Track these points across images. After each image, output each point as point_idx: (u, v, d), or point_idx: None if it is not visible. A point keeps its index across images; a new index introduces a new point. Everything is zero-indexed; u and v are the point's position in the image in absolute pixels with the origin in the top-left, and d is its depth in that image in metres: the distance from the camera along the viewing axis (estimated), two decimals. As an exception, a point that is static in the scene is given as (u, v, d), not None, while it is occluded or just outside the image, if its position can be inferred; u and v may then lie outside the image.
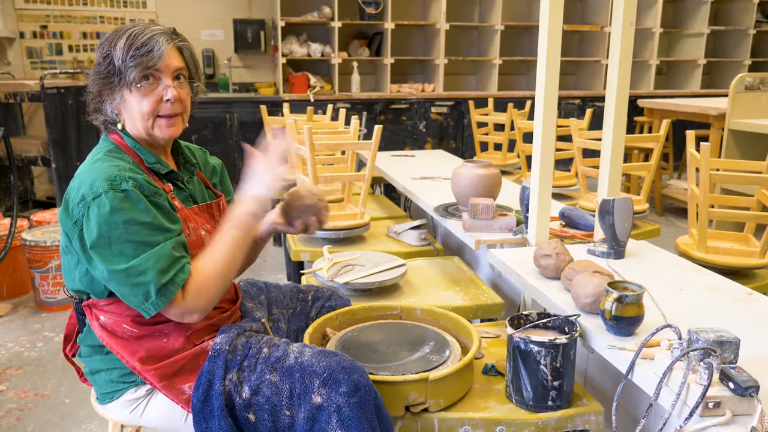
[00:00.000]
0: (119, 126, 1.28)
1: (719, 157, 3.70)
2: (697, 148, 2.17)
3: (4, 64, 5.41)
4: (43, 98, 3.91)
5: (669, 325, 1.17)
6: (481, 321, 1.94)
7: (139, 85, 1.24)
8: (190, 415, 1.25)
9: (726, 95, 3.84)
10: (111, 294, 1.23)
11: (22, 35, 5.44)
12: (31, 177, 5.07)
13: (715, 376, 1.02)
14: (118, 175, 1.16)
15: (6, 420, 2.18)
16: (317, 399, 1.16)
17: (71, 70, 5.03)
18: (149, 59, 1.22)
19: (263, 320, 1.42)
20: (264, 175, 1.29)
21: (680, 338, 1.13)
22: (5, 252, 3.01)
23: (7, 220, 3.29)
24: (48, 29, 5.50)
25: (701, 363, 1.02)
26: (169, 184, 1.30)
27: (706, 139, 4.64)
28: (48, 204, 4.96)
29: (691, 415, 0.99)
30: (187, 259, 1.20)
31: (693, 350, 1.05)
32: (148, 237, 1.15)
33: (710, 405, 0.99)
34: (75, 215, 1.16)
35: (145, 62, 1.22)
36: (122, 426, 1.38)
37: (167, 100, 1.25)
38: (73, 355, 1.41)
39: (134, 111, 1.25)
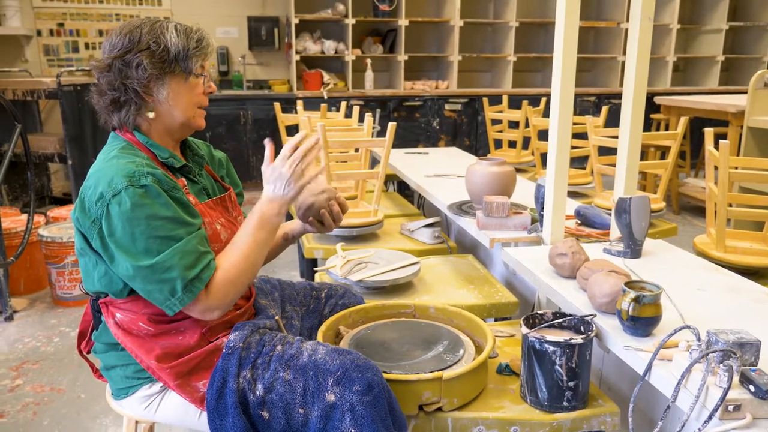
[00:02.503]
0: (152, 114, 1.26)
1: (738, 155, 3.65)
2: (716, 146, 2.14)
3: (21, 61, 5.47)
4: (59, 95, 3.95)
5: (687, 326, 1.15)
6: (495, 320, 1.92)
7: (197, 76, 1.28)
8: (204, 413, 1.25)
9: (745, 92, 3.78)
10: (130, 293, 1.23)
11: (39, 33, 5.49)
12: (47, 173, 5.12)
13: (735, 378, 1.00)
14: (137, 170, 1.16)
15: (23, 414, 2.21)
16: (331, 397, 1.16)
17: (87, 68, 5.07)
18: (207, 52, 1.29)
19: (277, 317, 1.41)
20: (281, 176, 1.28)
21: (699, 339, 1.11)
22: (22, 248, 3.04)
23: (25, 216, 3.33)
24: (65, 27, 5.55)
25: (721, 365, 1.00)
26: (183, 179, 1.30)
27: (724, 136, 4.57)
28: (64, 200, 5.00)
29: (710, 418, 0.98)
30: (212, 255, 1.21)
31: (712, 352, 1.03)
32: (171, 231, 1.15)
33: (730, 408, 0.98)
34: (93, 214, 1.15)
35: (204, 54, 1.28)
36: (137, 422, 1.38)
37: (210, 92, 1.33)
38: (88, 352, 1.42)
39: (181, 100, 1.27)
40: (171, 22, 1.27)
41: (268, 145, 1.31)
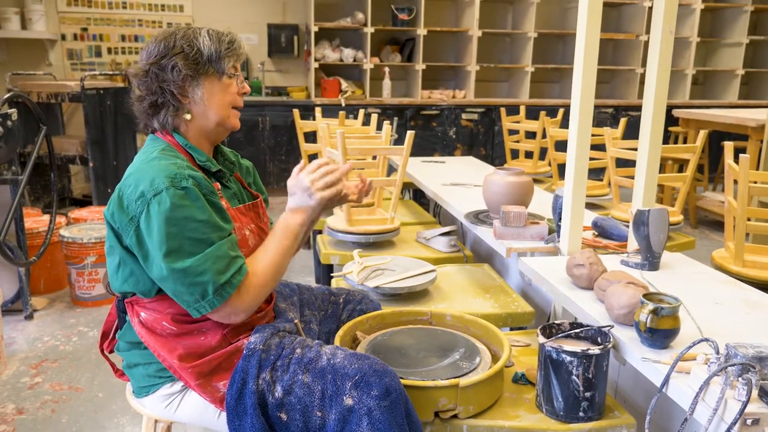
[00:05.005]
0: (188, 116, 1.30)
1: (757, 169, 3.62)
2: (736, 160, 2.14)
3: (45, 65, 5.57)
4: (82, 99, 4.02)
5: (706, 339, 1.15)
6: (511, 329, 1.93)
7: (230, 76, 1.32)
8: (223, 413, 1.27)
9: (765, 106, 3.76)
10: (157, 292, 1.26)
11: (63, 37, 5.60)
12: (68, 175, 5.20)
13: (754, 392, 1.00)
14: (178, 173, 1.19)
15: (42, 411, 2.24)
16: (348, 401, 1.17)
17: (110, 72, 5.16)
18: (240, 54, 1.33)
19: (296, 321, 1.43)
20: (302, 186, 1.33)
21: (718, 353, 1.11)
22: (44, 248, 3.09)
23: (46, 217, 3.39)
24: (88, 32, 5.65)
25: (740, 379, 1.00)
26: (217, 183, 1.34)
27: (743, 150, 4.54)
28: (84, 202, 5.07)
29: (728, 431, 0.98)
30: (242, 259, 1.24)
31: (731, 365, 1.03)
32: (204, 235, 1.18)
33: (749, 422, 0.98)
34: (131, 212, 1.18)
35: (236, 56, 1.33)
36: (156, 421, 1.40)
37: (243, 93, 1.37)
38: (111, 351, 1.45)
39: (216, 100, 1.31)
40: (204, 28, 1.33)
41: (301, 163, 1.40)
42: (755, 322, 1.36)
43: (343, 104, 5.59)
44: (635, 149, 1.84)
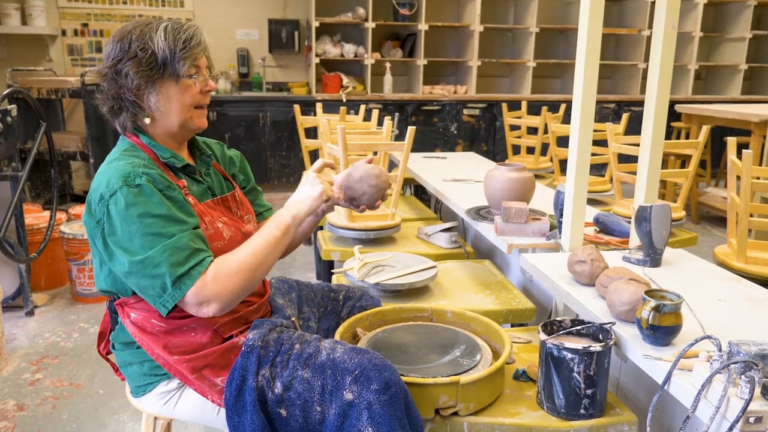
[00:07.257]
0: (147, 120, 1.27)
1: (760, 165, 3.61)
2: (739, 156, 2.12)
3: (46, 61, 5.56)
4: (83, 95, 4.01)
5: (708, 337, 1.14)
6: (512, 326, 1.92)
7: (189, 77, 1.26)
8: (222, 409, 1.26)
9: (768, 102, 3.74)
10: (135, 292, 1.24)
11: (63, 33, 5.58)
12: (69, 171, 5.19)
13: (757, 390, 0.99)
14: (132, 171, 1.18)
15: (42, 408, 2.24)
16: (348, 396, 1.16)
17: (110, 68, 5.14)
18: (198, 51, 1.27)
19: (293, 318, 1.42)
20: (316, 181, 1.33)
21: (720, 350, 1.10)
22: (44, 244, 3.09)
23: (47, 213, 3.38)
24: (89, 27, 5.64)
25: (742, 376, 0.99)
26: (184, 180, 1.31)
27: (746, 146, 4.52)
28: (84, 198, 5.06)
29: (731, 429, 0.97)
30: (206, 253, 1.20)
31: (734, 363, 1.02)
32: (162, 228, 1.16)
33: (751, 420, 0.97)
34: (97, 215, 1.18)
35: (194, 54, 1.26)
36: (155, 418, 1.40)
37: (207, 92, 1.31)
38: (108, 353, 1.44)
39: (175, 103, 1.27)
40: (163, 22, 1.26)
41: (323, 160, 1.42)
42: (758, 320, 1.35)
43: (344, 100, 5.57)
44: (637, 145, 1.83)
